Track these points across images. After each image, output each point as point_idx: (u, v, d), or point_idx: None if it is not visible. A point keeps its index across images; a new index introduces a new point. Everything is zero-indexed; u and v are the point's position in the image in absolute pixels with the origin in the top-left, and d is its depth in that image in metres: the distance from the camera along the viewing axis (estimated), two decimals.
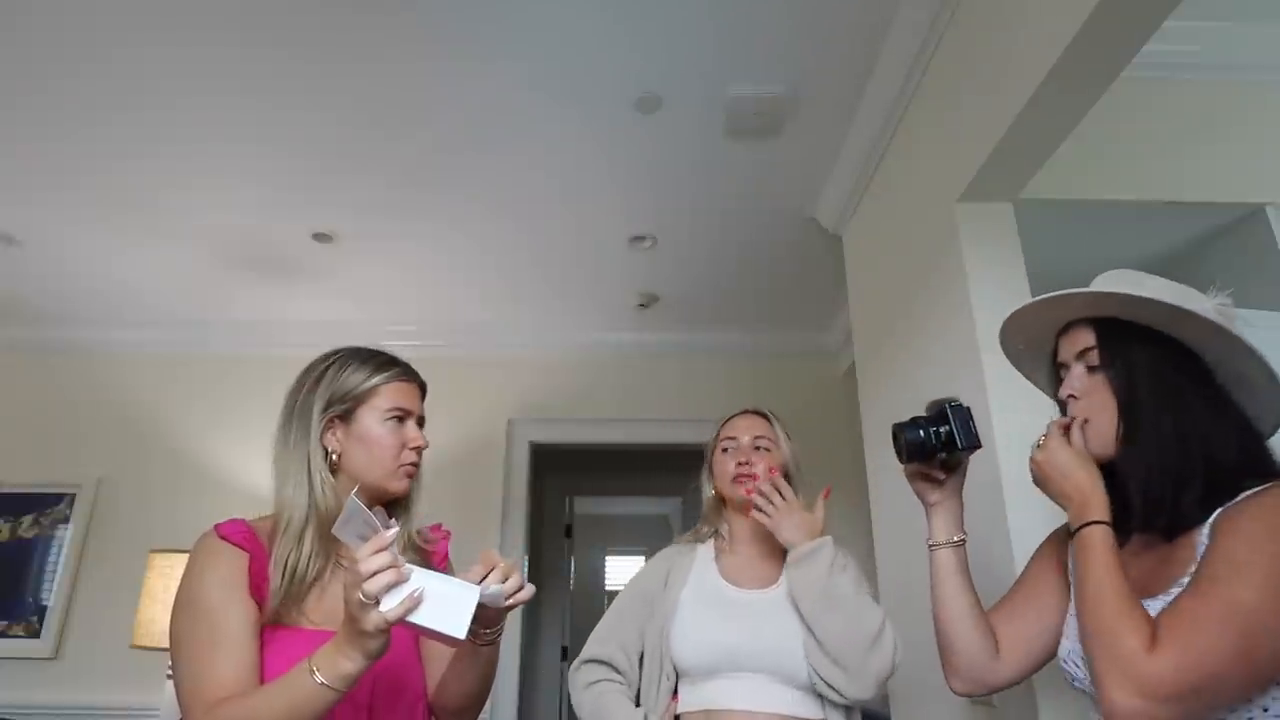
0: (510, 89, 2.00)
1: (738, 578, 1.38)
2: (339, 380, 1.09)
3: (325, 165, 2.31)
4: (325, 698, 0.82)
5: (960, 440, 0.98)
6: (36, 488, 3.25)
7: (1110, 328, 0.89)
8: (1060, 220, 1.86)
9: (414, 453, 1.09)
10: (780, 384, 3.60)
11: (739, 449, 1.46)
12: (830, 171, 2.36)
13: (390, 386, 1.09)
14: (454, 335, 3.52)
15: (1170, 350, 0.86)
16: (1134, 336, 0.87)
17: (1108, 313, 0.90)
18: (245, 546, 0.98)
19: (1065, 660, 0.91)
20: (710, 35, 1.82)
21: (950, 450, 1.00)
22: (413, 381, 1.14)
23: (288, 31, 1.79)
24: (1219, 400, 0.84)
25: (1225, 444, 0.81)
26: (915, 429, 1.01)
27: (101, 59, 1.86)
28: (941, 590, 1.01)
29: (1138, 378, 0.85)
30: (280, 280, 3.07)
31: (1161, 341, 0.87)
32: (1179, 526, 0.82)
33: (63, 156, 2.24)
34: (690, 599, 1.35)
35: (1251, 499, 0.77)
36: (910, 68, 1.85)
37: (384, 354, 1.14)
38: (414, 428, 1.11)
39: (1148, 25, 1.18)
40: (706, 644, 1.27)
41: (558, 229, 2.70)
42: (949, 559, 1.03)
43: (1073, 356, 0.92)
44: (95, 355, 3.51)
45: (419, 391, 1.15)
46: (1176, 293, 0.86)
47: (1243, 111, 1.87)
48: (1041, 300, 0.93)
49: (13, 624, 3.07)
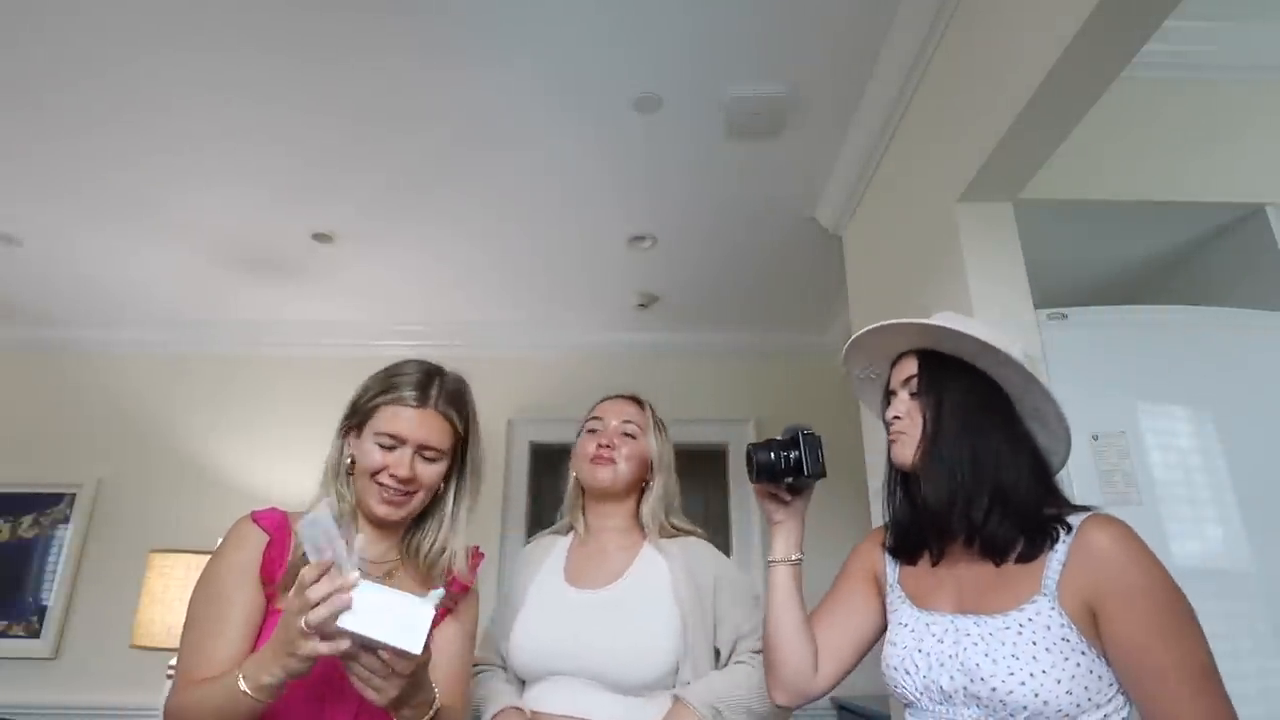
0: (510, 89, 2.00)
1: (580, 575, 1.31)
2: (365, 389, 1.09)
3: (325, 165, 2.31)
4: (248, 704, 0.83)
5: (807, 467, 1.03)
6: (36, 488, 3.25)
7: (931, 360, 1.00)
8: (1060, 220, 1.86)
9: (392, 479, 1.03)
10: (780, 384, 3.60)
11: (604, 431, 1.39)
12: (830, 171, 2.36)
13: (388, 410, 1.04)
14: (453, 335, 3.52)
15: (980, 383, 0.97)
16: (951, 368, 0.99)
17: (932, 345, 1.01)
18: (270, 530, 1.01)
19: (895, 669, 0.96)
20: (710, 35, 1.82)
21: (797, 476, 1.04)
22: (422, 407, 1.05)
23: (288, 34, 1.79)
24: (1016, 432, 0.95)
25: (1015, 468, 0.92)
26: (767, 451, 1.05)
27: (102, 61, 1.86)
28: (776, 607, 1.07)
29: (946, 403, 0.96)
30: (280, 280, 3.07)
31: (974, 375, 0.97)
32: (993, 548, 0.91)
33: (63, 157, 2.24)
34: (532, 597, 1.30)
35: (1106, 533, 0.85)
36: (910, 68, 1.85)
37: (408, 375, 1.08)
38: (400, 455, 1.03)
39: (1147, 25, 1.18)
40: (529, 648, 1.23)
41: (557, 229, 2.70)
42: (785, 576, 1.09)
43: (900, 383, 1.03)
44: (95, 355, 3.51)
45: (433, 420, 1.05)
46: (992, 333, 0.96)
47: (1242, 111, 1.87)
48: (876, 328, 1.04)
49: (13, 624, 3.07)
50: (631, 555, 1.32)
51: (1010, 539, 0.89)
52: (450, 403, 1.07)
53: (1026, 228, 1.61)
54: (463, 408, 1.10)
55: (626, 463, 1.34)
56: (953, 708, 0.88)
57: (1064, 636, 0.83)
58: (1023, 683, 0.82)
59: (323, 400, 3.43)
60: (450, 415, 1.07)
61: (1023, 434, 0.96)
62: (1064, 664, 0.81)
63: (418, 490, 1.05)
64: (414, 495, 1.05)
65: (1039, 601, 0.85)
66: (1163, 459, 1.48)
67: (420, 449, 1.04)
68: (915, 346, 1.03)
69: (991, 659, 0.85)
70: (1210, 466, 1.50)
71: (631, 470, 1.35)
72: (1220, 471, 1.49)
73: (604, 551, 1.34)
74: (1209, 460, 1.50)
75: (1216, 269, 1.95)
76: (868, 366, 1.12)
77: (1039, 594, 0.86)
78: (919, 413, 0.98)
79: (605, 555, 1.33)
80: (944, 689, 0.89)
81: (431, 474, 1.06)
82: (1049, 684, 0.81)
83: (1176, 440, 1.52)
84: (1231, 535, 1.45)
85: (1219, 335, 1.61)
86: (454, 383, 1.11)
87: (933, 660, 0.91)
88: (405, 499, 1.05)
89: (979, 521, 0.90)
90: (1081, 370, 1.52)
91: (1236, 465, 1.49)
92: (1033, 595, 0.86)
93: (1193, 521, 1.45)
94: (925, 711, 0.92)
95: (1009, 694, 0.82)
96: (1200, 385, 1.56)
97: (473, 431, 1.11)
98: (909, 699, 0.94)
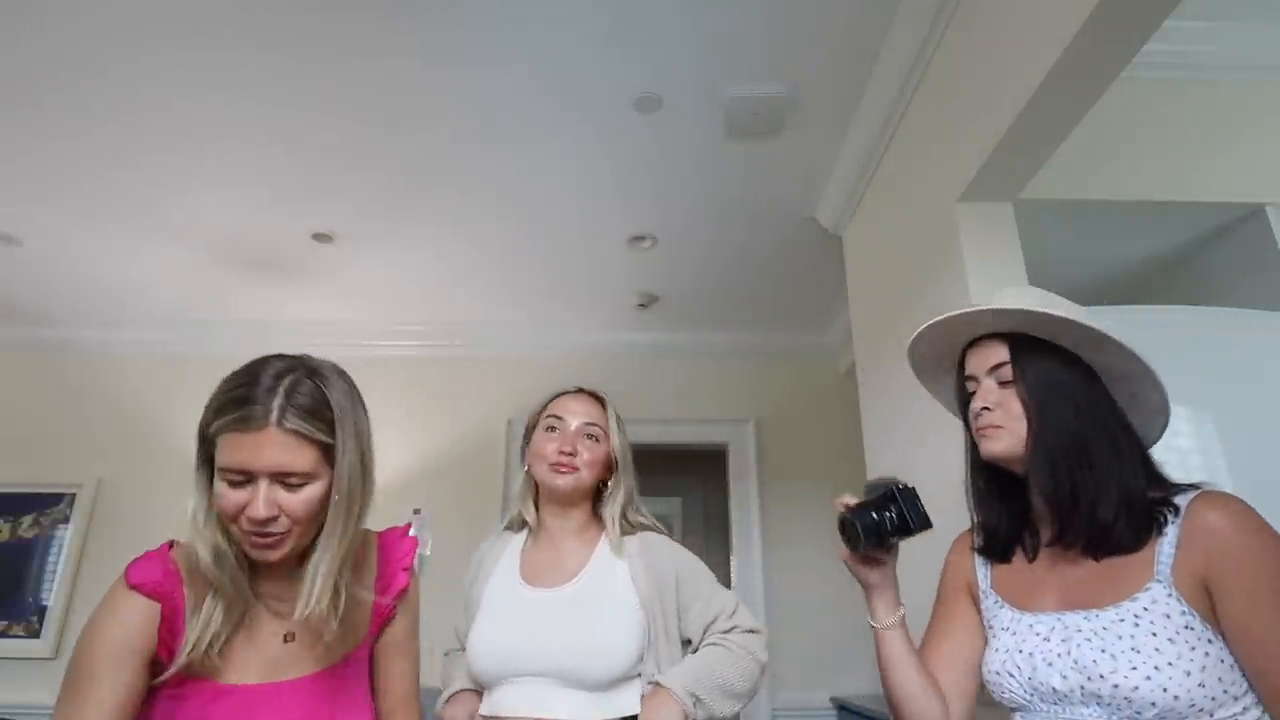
0: (510, 89, 2.00)
1: (535, 574, 1.28)
2: (204, 411, 0.85)
3: (325, 165, 2.31)
4: None
5: (913, 523, 0.96)
6: (36, 488, 3.25)
7: (1021, 344, 0.92)
8: (1060, 220, 1.86)
9: (250, 523, 0.82)
10: (780, 384, 3.60)
11: (565, 434, 1.30)
12: (830, 171, 2.36)
13: (225, 439, 0.82)
14: (454, 335, 3.52)
15: (1077, 367, 0.90)
16: (1044, 352, 0.91)
17: (1018, 329, 0.92)
18: (157, 594, 0.84)
19: (998, 673, 0.91)
20: (710, 35, 1.82)
21: (904, 534, 0.97)
22: (262, 429, 0.81)
23: (288, 34, 1.79)
24: (1122, 420, 0.89)
25: (1132, 459, 0.87)
26: (869, 514, 0.97)
27: (103, 61, 1.86)
28: (897, 671, 0.99)
29: (1052, 391, 0.89)
30: (280, 280, 3.07)
31: (1068, 358, 0.90)
32: (1104, 547, 0.85)
33: (63, 157, 2.24)
34: (488, 599, 1.28)
35: (1219, 510, 0.80)
36: (910, 68, 1.85)
37: (239, 388, 0.85)
38: (254, 492, 0.82)
39: (1147, 25, 1.18)
40: (487, 652, 1.20)
41: (558, 229, 2.70)
42: (897, 640, 1.01)
43: (984, 371, 0.94)
44: (95, 355, 3.51)
45: (280, 440, 0.82)
46: (1086, 315, 0.90)
47: (1243, 111, 1.87)
48: (957, 315, 0.95)
49: (13, 624, 3.07)
50: (589, 552, 1.29)
51: (1130, 536, 0.83)
52: (304, 413, 0.83)
53: (1026, 228, 1.61)
54: (323, 412, 0.86)
55: (589, 469, 1.30)
56: (1070, 707, 0.82)
57: (1187, 624, 0.77)
58: (1148, 677, 0.75)
59: None
60: (305, 429, 0.83)
61: (1126, 420, 0.90)
62: (1191, 654, 0.75)
63: (291, 526, 0.85)
64: (288, 533, 0.85)
65: (1153, 589, 0.79)
66: (1163, 459, 1.47)
67: (276, 478, 0.83)
68: (1000, 329, 0.94)
69: (1110, 654, 0.78)
70: (1210, 466, 1.50)
71: (593, 475, 1.31)
72: (1220, 471, 1.49)
73: (560, 549, 1.30)
74: (1209, 460, 1.50)
75: (1216, 269, 1.95)
76: (928, 354, 1.04)
77: (1153, 580, 0.80)
78: (1016, 401, 0.90)
79: (561, 553, 1.29)
80: (1056, 689, 0.83)
81: (301, 503, 0.84)
82: (1177, 677, 0.74)
83: (1176, 440, 1.51)
84: None
85: (1219, 335, 1.61)
86: (306, 382, 0.86)
87: (1038, 660, 0.85)
88: (278, 540, 0.85)
89: (1108, 521, 0.83)
90: None
91: (1236, 465, 1.49)
92: (1146, 584, 0.80)
93: None
94: (1038, 713, 0.86)
95: (1134, 690, 0.76)
96: (1200, 385, 1.56)
97: (344, 437, 0.87)
98: (1018, 702, 0.88)
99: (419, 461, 3.39)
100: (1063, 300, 0.93)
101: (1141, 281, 2.16)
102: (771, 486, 3.42)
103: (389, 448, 3.43)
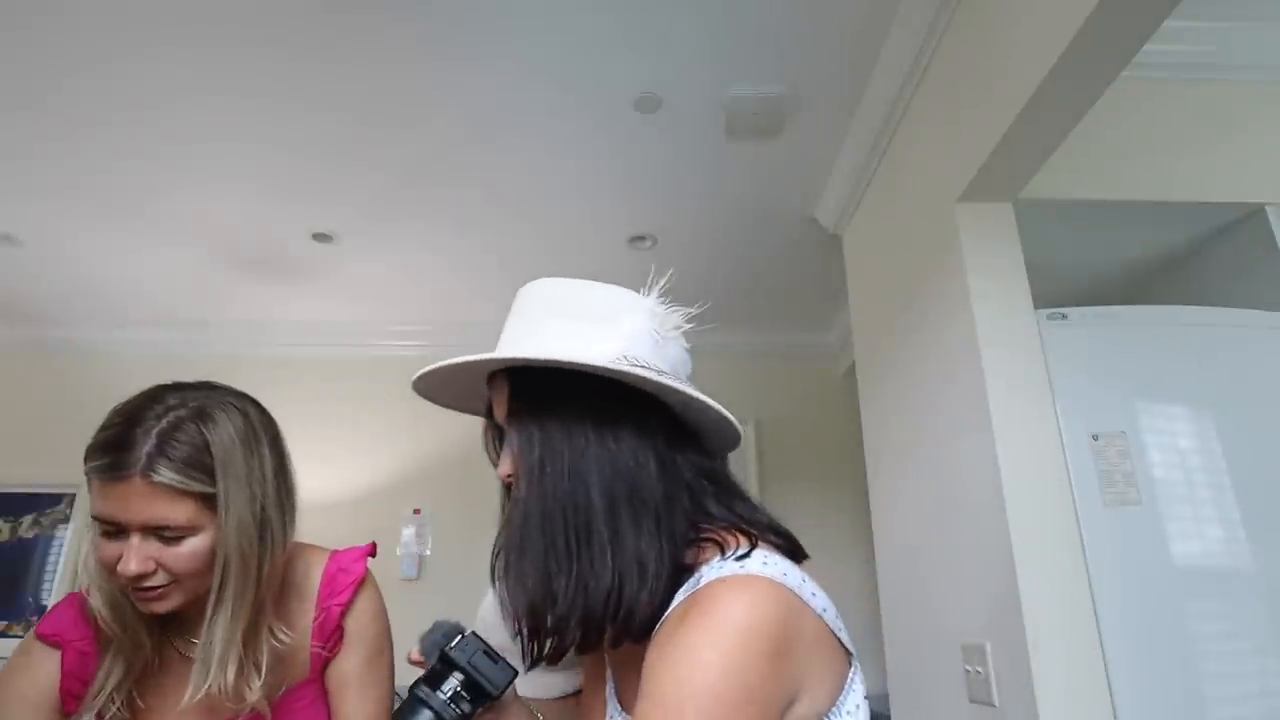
0: (510, 89, 2.00)
1: None
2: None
3: (325, 165, 2.31)
4: None
5: (490, 687, 0.70)
6: (36, 488, 3.24)
7: (525, 380, 0.68)
8: (1060, 220, 1.86)
9: (124, 578, 0.73)
10: (780, 384, 3.60)
11: None
12: (830, 171, 2.36)
13: (95, 486, 0.73)
14: (454, 335, 3.51)
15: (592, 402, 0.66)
16: (551, 389, 0.66)
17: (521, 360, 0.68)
18: (61, 643, 0.81)
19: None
20: (710, 35, 1.82)
21: (484, 702, 0.71)
22: (124, 480, 0.70)
23: (287, 32, 1.79)
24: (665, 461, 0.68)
25: (672, 531, 0.65)
26: (422, 707, 0.68)
27: (102, 60, 1.86)
28: None
29: (546, 446, 0.64)
30: (280, 280, 3.07)
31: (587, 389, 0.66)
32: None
33: (63, 157, 2.24)
34: None
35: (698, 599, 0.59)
36: (910, 68, 1.85)
37: (103, 430, 0.75)
38: (130, 544, 0.72)
39: (1147, 26, 1.18)
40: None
41: (558, 229, 2.70)
42: None
43: (505, 419, 0.70)
44: (95, 355, 3.51)
45: (146, 492, 0.71)
46: (582, 332, 0.68)
47: (1242, 111, 1.87)
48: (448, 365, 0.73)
49: (13, 624, 3.07)
50: None
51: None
52: (178, 463, 0.72)
53: (1026, 228, 1.61)
54: (202, 459, 0.74)
55: None
56: None
57: None
58: None
59: (323, 400, 3.46)
60: (176, 481, 0.72)
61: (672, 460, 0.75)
62: None
63: (170, 581, 0.75)
64: (169, 587, 0.75)
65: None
66: (1163, 459, 1.48)
67: (149, 530, 0.73)
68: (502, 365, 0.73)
69: None
70: (1210, 467, 1.50)
71: None
72: (1220, 472, 1.49)
73: None
74: (1209, 460, 1.50)
75: (1216, 269, 1.95)
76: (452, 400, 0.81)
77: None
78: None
79: None
80: None
81: (182, 557, 0.74)
82: None
83: (1176, 440, 1.52)
84: (1231, 536, 1.45)
85: (1219, 335, 1.61)
86: (188, 425, 0.75)
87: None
88: (161, 593, 0.75)
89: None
90: (1081, 370, 1.52)
91: (1236, 465, 1.49)
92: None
93: (1193, 522, 1.45)
94: None
95: None
96: (1200, 385, 1.56)
97: (230, 487, 0.75)
98: None
99: (419, 461, 3.38)
100: (555, 319, 0.74)
101: (1141, 281, 2.16)
102: (771, 487, 3.41)
103: (389, 448, 3.45)
